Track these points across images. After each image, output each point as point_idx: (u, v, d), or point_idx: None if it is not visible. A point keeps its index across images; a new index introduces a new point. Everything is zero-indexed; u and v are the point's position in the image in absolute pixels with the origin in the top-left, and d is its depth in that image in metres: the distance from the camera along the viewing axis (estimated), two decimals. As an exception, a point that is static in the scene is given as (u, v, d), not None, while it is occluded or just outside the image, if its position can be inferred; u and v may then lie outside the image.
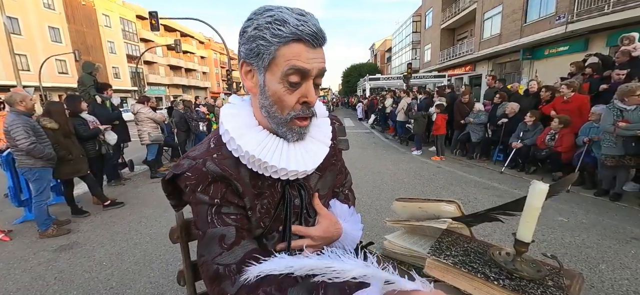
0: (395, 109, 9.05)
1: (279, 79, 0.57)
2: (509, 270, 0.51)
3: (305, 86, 0.59)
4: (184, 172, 0.61)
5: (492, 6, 15.18)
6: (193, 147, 0.67)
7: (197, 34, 44.99)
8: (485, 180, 4.78)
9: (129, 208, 3.85)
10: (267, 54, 0.56)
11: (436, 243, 0.61)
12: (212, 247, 0.59)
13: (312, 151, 0.69)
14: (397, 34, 36.86)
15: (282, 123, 0.62)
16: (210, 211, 0.61)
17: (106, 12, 27.62)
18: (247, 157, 0.61)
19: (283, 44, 0.55)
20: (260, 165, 0.62)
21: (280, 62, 0.56)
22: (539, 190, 0.50)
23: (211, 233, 0.60)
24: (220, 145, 0.65)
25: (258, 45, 0.57)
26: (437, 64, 22.18)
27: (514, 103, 5.59)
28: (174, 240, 0.88)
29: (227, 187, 0.62)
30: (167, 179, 0.64)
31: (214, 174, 0.61)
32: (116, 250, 2.75)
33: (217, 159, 0.62)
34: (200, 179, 0.60)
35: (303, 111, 0.61)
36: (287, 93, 0.58)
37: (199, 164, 0.61)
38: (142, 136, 5.10)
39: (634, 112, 3.42)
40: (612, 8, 9.06)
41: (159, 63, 36.06)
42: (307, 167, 0.66)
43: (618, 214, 3.32)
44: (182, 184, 0.62)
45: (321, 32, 0.57)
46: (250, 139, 0.62)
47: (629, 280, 2.15)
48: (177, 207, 0.72)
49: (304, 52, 0.56)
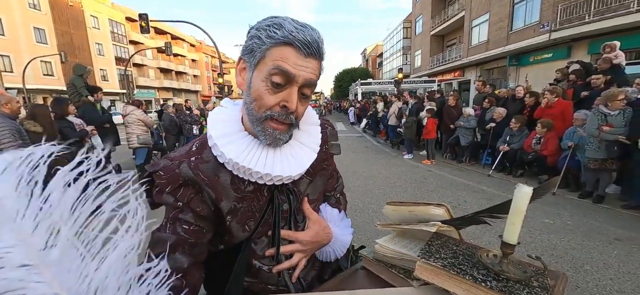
0: (387, 113, 9.16)
1: (264, 77, 0.58)
2: (496, 271, 0.53)
3: (288, 91, 0.58)
4: (157, 171, 0.61)
5: (479, 14, 15.59)
6: (176, 149, 0.69)
7: (189, 37, 44.60)
8: (474, 184, 4.87)
9: (116, 214, 3.75)
10: (258, 52, 0.57)
11: (426, 246, 0.62)
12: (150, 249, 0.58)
13: (298, 156, 0.68)
14: (388, 40, 37.42)
15: (257, 121, 0.61)
16: (167, 214, 0.62)
17: (94, 14, 27.11)
18: (232, 164, 0.61)
19: (273, 44, 0.56)
20: (245, 172, 0.62)
21: (267, 61, 0.57)
22: (523, 193, 0.51)
23: (156, 237, 0.61)
24: (203, 148, 0.65)
25: (253, 43, 0.58)
26: (427, 70, 22.58)
27: (501, 108, 5.74)
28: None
29: (196, 194, 0.63)
30: (144, 177, 0.64)
31: (185, 177, 0.61)
32: (102, 258, 2.67)
33: (193, 163, 0.63)
34: (171, 180, 0.61)
35: (279, 114, 0.60)
36: (267, 92, 0.58)
37: (174, 164, 0.62)
38: (131, 139, 5.00)
39: (617, 117, 3.56)
40: (593, 17, 9.43)
41: (148, 66, 35.52)
42: (291, 172, 0.66)
43: (601, 216, 3.43)
44: (155, 182, 0.63)
45: (316, 42, 0.57)
46: (235, 146, 0.62)
47: (613, 280, 2.22)
48: (154, 207, 0.70)
49: (292, 56, 0.56)
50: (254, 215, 0.67)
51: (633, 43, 8.68)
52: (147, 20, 12.16)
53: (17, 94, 15.60)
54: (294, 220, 0.73)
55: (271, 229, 0.70)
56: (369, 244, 1.00)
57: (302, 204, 0.73)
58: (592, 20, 9.41)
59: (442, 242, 0.64)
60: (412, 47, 27.58)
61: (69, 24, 24.64)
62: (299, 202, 0.73)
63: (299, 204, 0.73)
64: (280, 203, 0.69)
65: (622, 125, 3.52)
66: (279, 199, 0.69)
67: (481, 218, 0.61)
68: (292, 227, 0.72)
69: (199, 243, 0.64)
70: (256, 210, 0.67)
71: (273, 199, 0.69)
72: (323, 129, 0.80)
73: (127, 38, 31.90)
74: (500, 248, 0.54)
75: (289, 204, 0.71)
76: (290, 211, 0.71)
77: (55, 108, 3.63)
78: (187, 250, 0.62)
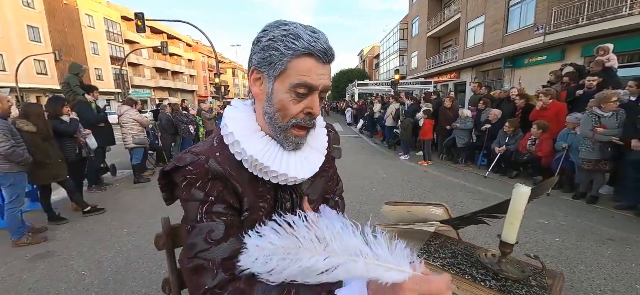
0: (384, 114, 9.18)
1: (288, 89, 0.60)
2: (495, 271, 0.53)
3: (311, 98, 0.62)
4: (187, 166, 0.61)
5: (475, 16, 15.73)
6: (196, 144, 0.69)
7: (185, 37, 44.36)
8: (470, 185, 4.90)
9: (110, 214, 3.71)
10: (279, 64, 0.59)
11: (425, 246, 0.62)
12: (197, 242, 0.59)
13: (310, 159, 0.71)
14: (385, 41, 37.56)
15: (282, 130, 0.64)
16: (201, 209, 0.61)
17: (90, 13, 26.85)
18: (251, 161, 0.63)
19: (296, 57, 0.58)
20: (261, 170, 0.64)
21: (291, 73, 0.59)
22: (521, 193, 0.52)
23: (199, 228, 0.60)
24: (223, 145, 0.66)
25: (271, 56, 0.59)
26: (423, 71, 22.71)
27: (497, 110, 5.79)
28: (160, 246, 0.85)
29: (225, 187, 0.63)
30: (167, 170, 0.65)
31: (214, 172, 0.62)
32: (96, 259, 2.64)
33: (219, 158, 0.63)
34: (201, 175, 0.61)
35: (304, 121, 0.63)
36: (292, 103, 0.61)
37: (202, 160, 0.62)
38: (127, 139, 4.95)
39: (611, 119, 3.61)
40: (586, 21, 9.57)
41: (144, 65, 35.25)
42: (305, 174, 0.69)
43: (595, 216, 3.47)
44: (180, 178, 0.62)
45: (331, 50, 0.61)
46: (253, 144, 0.64)
47: (606, 280, 2.25)
48: (169, 202, 0.73)
49: (315, 67, 0.59)
50: (266, 214, 0.69)
51: (625, 46, 8.83)
52: (144, 20, 12.08)
53: (10, 93, 15.37)
54: None
55: None
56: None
57: (303, 203, 0.75)
58: (586, 23, 9.55)
59: (441, 242, 0.64)
60: (408, 48, 27.72)
61: (64, 23, 24.36)
62: (301, 201, 0.75)
63: (301, 202, 0.75)
64: (283, 201, 0.71)
65: (615, 127, 3.57)
66: (283, 198, 0.71)
67: (480, 218, 0.61)
68: None
69: (239, 228, 0.64)
70: (267, 209, 0.69)
71: (277, 197, 0.71)
72: (328, 133, 0.82)
73: (122, 37, 31.63)
74: (499, 248, 0.54)
75: (292, 203, 0.73)
76: (292, 209, 0.73)
77: (49, 108, 3.58)
78: (234, 233, 0.62)
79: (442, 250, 0.59)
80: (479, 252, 0.57)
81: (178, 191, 0.65)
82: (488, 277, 0.50)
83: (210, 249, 0.58)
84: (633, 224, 3.25)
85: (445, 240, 0.64)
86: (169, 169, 0.64)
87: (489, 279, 0.50)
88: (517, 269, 0.53)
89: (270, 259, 0.46)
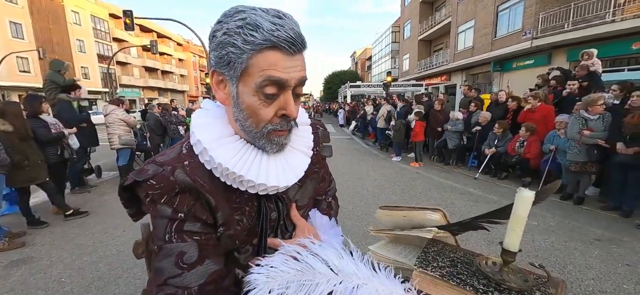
0: (376, 115, 9.21)
1: (254, 90, 0.51)
2: (497, 281, 0.50)
3: (283, 98, 0.53)
4: (148, 179, 0.53)
5: (465, 20, 16.00)
6: (162, 152, 0.60)
7: (175, 36, 43.62)
8: (461, 186, 4.94)
9: (93, 218, 3.57)
10: (238, 63, 0.50)
11: (422, 254, 0.58)
12: (166, 266, 0.51)
13: (292, 163, 0.63)
14: (377, 44, 37.84)
15: (258, 137, 0.57)
16: (169, 227, 0.53)
17: (76, 9, 26.08)
18: (221, 170, 0.55)
19: (256, 51, 0.49)
20: (234, 179, 0.56)
21: (253, 72, 0.50)
22: (524, 198, 0.49)
23: (167, 249, 0.52)
24: (193, 152, 0.58)
25: (228, 53, 0.50)
26: (415, 73, 22.95)
27: (486, 112, 5.88)
28: (139, 255, 0.79)
29: (196, 201, 0.55)
30: (126, 185, 0.55)
31: (183, 184, 0.53)
32: (77, 265, 2.52)
33: (188, 167, 0.55)
34: (166, 188, 0.52)
35: (281, 125, 0.56)
36: (263, 106, 0.53)
37: (167, 171, 0.53)
38: (113, 140, 4.79)
39: (597, 122, 3.69)
40: (572, 26, 9.85)
41: (133, 64, 34.47)
42: (288, 181, 0.61)
43: (582, 217, 3.54)
44: (142, 193, 0.54)
45: (300, 37, 0.51)
46: (224, 150, 0.55)
47: (594, 280, 2.28)
48: (136, 217, 0.64)
49: (281, 60, 0.50)
50: (246, 229, 0.62)
51: (608, 52, 9.11)
52: (132, 18, 11.78)
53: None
54: (283, 228, 0.68)
55: (257, 237, 0.64)
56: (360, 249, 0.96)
57: (290, 211, 0.69)
58: (571, 29, 9.82)
59: (438, 249, 0.60)
60: (400, 51, 27.99)
61: (49, 19, 23.58)
62: (288, 209, 0.68)
63: (288, 211, 0.69)
64: (268, 211, 0.64)
65: (601, 129, 3.65)
66: (267, 208, 0.64)
67: (479, 223, 0.58)
68: (279, 235, 0.67)
69: (215, 248, 0.58)
70: (247, 221, 0.62)
71: (260, 207, 0.63)
72: (314, 131, 0.76)
73: (110, 35, 30.85)
74: (501, 255, 0.51)
75: (278, 212, 0.66)
76: (278, 219, 0.66)
77: (27, 106, 3.42)
78: (210, 254, 0.55)
79: (440, 258, 0.55)
80: (478, 259, 0.54)
81: (144, 206, 0.56)
82: (490, 288, 0.47)
83: (182, 274, 0.51)
84: (618, 224, 3.32)
85: (443, 247, 0.61)
86: (128, 184, 0.55)
87: (491, 290, 0.47)
88: (519, 278, 0.50)
89: (288, 287, 0.44)
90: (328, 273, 0.45)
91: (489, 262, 0.54)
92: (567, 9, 10.01)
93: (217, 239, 0.58)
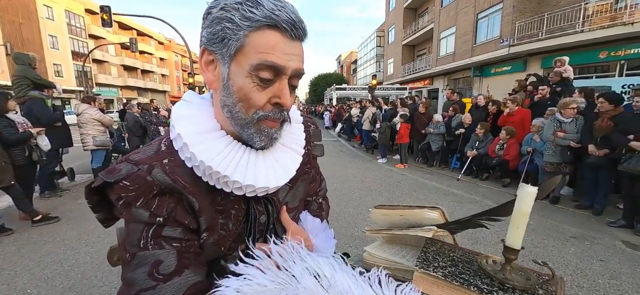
0: (361, 118, 9.29)
1: (247, 72, 0.47)
2: (500, 280, 0.48)
3: (278, 85, 0.49)
4: (120, 181, 0.47)
5: (447, 27, 16.53)
6: (137, 149, 0.53)
7: (157, 35, 42.28)
8: (444, 187, 5.05)
9: (65, 223, 3.34)
10: (234, 40, 0.46)
11: (422, 254, 0.56)
12: (138, 277, 0.45)
13: (283, 161, 0.59)
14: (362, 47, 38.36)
15: (247, 124, 0.51)
16: (145, 232, 0.47)
17: (48, 3, 24.70)
18: (203, 168, 0.49)
19: (254, 29, 0.45)
20: (218, 179, 0.51)
21: (249, 51, 0.46)
22: (528, 193, 0.47)
23: (141, 257, 0.46)
24: (174, 149, 0.52)
25: (224, 29, 0.46)
26: (399, 77, 23.42)
27: (467, 115, 6.07)
28: (114, 262, 0.72)
29: (178, 203, 0.49)
30: (94, 187, 0.49)
31: (161, 185, 0.48)
32: (46, 275, 2.34)
33: (168, 166, 0.49)
34: (142, 190, 0.47)
35: (273, 113, 0.51)
36: (256, 90, 0.48)
37: (143, 171, 0.48)
38: (85, 141, 4.53)
39: (570, 124, 3.89)
40: (545, 35, 10.40)
41: (110, 62, 33.03)
42: (279, 181, 0.56)
43: (557, 215, 3.70)
44: (114, 196, 0.48)
45: (301, 22, 0.48)
46: (207, 147, 0.50)
47: (572, 276, 2.37)
48: (107, 223, 0.56)
49: (280, 43, 0.46)
50: (233, 234, 0.56)
51: (578, 60, 9.67)
52: (110, 14, 11.29)
53: (-52, 88, 13.65)
54: (274, 232, 0.63)
55: (244, 243, 0.59)
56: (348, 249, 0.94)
57: (281, 214, 0.64)
58: (545, 37, 10.37)
59: (437, 248, 0.59)
60: (385, 55, 28.49)
61: (18, 13, 22.16)
62: (278, 212, 0.64)
63: (278, 214, 0.64)
64: (257, 215, 0.59)
65: (574, 131, 3.85)
66: (256, 211, 0.59)
67: (479, 221, 0.57)
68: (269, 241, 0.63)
69: (197, 255, 0.52)
70: (234, 226, 0.56)
71: (249, 210, 0.58)
72: (306, 128, 0.72)
73: (86, 32, 29.43)
74: (503, 254, 0.50)
75: (268, 216, 0.61)
76: (268, 223, 0.61)
77: (-8, 103, 3.17)
78: (191, 263, 0.49)
79: (440, 258, 0.53)
80: (479, 258, 0.52)
81: (116, 210, 0.50)
82: (494, 288, 0.45)
83: (156, 286, 0.45)
84: (591, 221, 3.50)
85: (441, 246, 0.59)
86: (97, 186, 0.48)
87: (495, 289, 0.45)
88: (521, 276, 0.48)
89: None
90: (315, 289, 0.39)
91: (490, 260, 0.53)
92: (541, 19, 10.56)
93: (200, 246, 0.52)
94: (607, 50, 9.29)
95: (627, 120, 3.35)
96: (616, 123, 3.37)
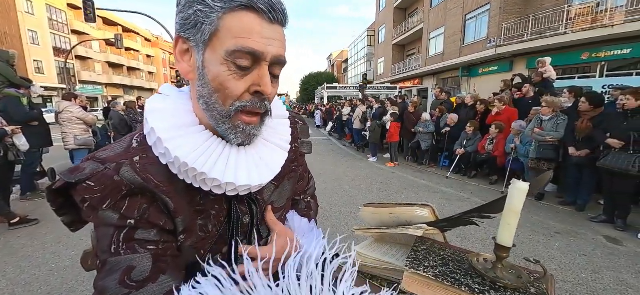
0: (352, 117, 9.31)
1: (223, 59, 0.43)
2: (492, 279, 0.47)
3: (257, 72, 0.45)
4: (83, 181, 0.43)
5: (436, 27, 16.77)
6: (105, 147, 0.49)
7: (144, 31, 41.30)
8: (434, 185, 5.11)
9: (45, 226, 3.21)
10: (207, 23, 0.43)
11: (412, 253, 0.54)
12: (109, 285, 0.42)
13: (266, 158, 0.55)
14: (353, 47, 38.51)
15: (224, 118, 0.47)
16: (116, 236, 0.44)
17: (27, -3, 23.72)
18: (178, 165, 0.45)
19: (228, 10, 0.42)
20: (195, 177, 0.47)
21: (224, 36, 0.43)
22: (519, 189, 0.46)
23: (113, 263, 0.43)
24: (147, 145, 0.48)
25: (196, 12, 0.43)
26: (389, 77, 23.63)
27: (453, 114, 6.18)
28: (88, 267, 0.68)
29: (151, 204, 0.46)
30: (55, 188, 0.45)
31: (131, 185, 0.44)
32: (23, 280, 2.23)
33: (139, 164, 0.46)
34: (109, 191, 0.43)
35: (252, 103, 0.47)
36: (233, 78, 0.44)
37: (110, 170, 0.44)
38: (67, 140, 4.36)
39: (549, 122, 4.02)
40: (530, 37, 10.68)
41: (95, 59, 32.02)
42: (262, 179, 0.53)
43: (542, 212, 3.79)
44: (78, 198, 0.44)
45: (280, 4, 0.45)
46: (184, 142, 0.46)
47: (557, 270, 2.43)
48: (74, 226, 0.52)
49: (257, 26, 0.43)
50: (213, 236, 0.53)
51: (562, 61, 9.98)
52: (94, 8, 10.95)
53: None
54: (258, 234, 0.60)
55: (227, 245, 0.55)
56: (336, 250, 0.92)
57: (266, 214, 0.61)
58: (530, 39, 10.65)
59: (427, 247, 0.57)
60: (375, 54, 28.69)
61: (-6, 7, 21.21)
62: (263, 213, 0.60)
63: (263, 214, 0.60)
64: (240, 216, 0.55)
65: (552, 129, 3.97)
66: (239, 211, 0.55)
67: (469, 218, 0.56)
68: (253, 242, 0.59)
69: (174, 258, 0.48)
70: (214, 227, 0.53)
71: (231, 210, 0.54)
72: (293, 125, 0.68)
73: (69, 27, 28.41)
74: (494, 252, 0.49)
75: (251, 216, 0.57)
76: (252, 224, 0.58)
77: (-37, 100, 3.00)
78: (167, 267, 0.46)
79: (431, 257, 0.52)
80: (470, 257, 0.51)
81: (83, 213, 0.46)
82: (485, 287, 0.44)
83: (129, 294, 0.42)
84: (574, 217, 3.60)
85: (432, 245, 0.57)
86: (59, 187, 0.45)
87: (487, 289, 0.44)
88: (513, 275, 0.47)
89: None
90: None
91: (481, 259, 0.52)
92: (527, 20, 10.83)
93: (177, 248, 0.49)
94: (588, 51, 9.62)
95: (607, 119, 3.47)
96: (595, 125, 3.49)
